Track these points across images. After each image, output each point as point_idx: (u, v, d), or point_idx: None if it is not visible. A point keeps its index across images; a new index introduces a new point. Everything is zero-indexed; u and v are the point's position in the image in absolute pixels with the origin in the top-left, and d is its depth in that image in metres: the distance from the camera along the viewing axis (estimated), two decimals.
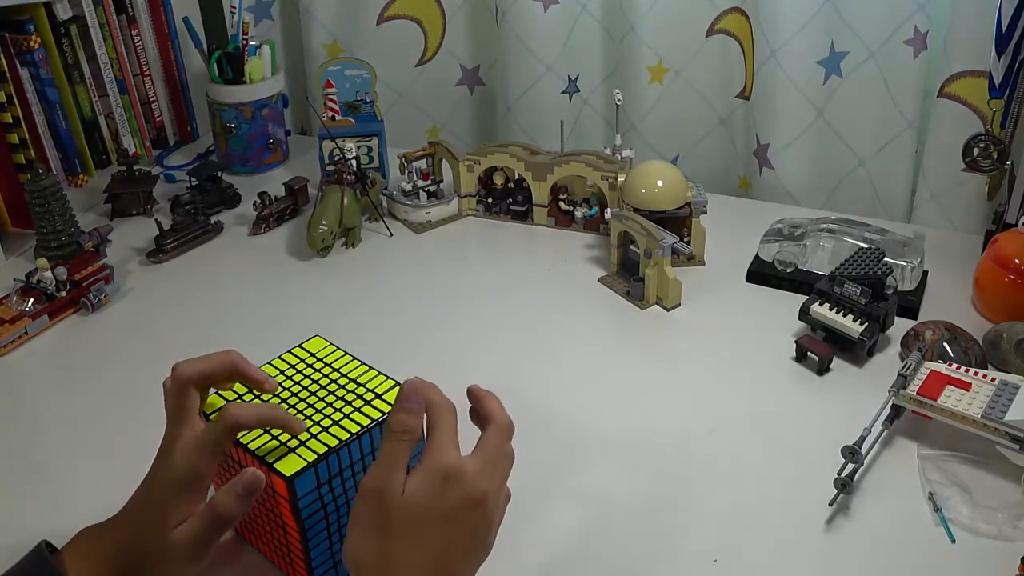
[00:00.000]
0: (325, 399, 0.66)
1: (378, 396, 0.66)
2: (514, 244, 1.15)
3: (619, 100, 1.12)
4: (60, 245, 1.07)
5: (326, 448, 0.62)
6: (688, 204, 1.04)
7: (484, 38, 1.40)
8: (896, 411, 0.80)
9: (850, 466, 0.74)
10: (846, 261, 0.93)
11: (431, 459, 0.55)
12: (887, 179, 1.22)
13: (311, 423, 0.64)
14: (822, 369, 0.89)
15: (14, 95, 1.13)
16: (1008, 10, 0.95)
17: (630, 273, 1.04)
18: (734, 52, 1.28)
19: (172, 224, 1.13)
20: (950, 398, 0.77)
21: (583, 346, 0.95)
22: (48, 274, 0.99)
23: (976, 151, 1.03)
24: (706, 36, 1.28)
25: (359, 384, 0.67)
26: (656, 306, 1.01)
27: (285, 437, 0.63)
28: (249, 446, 0.62)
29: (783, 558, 0.70)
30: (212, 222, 1.17)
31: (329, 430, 0.63)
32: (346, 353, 0.71)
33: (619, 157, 1.13)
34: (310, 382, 0.68)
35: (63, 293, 1.00)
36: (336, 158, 1.14)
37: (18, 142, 1.14)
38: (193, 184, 1.22)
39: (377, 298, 1.05)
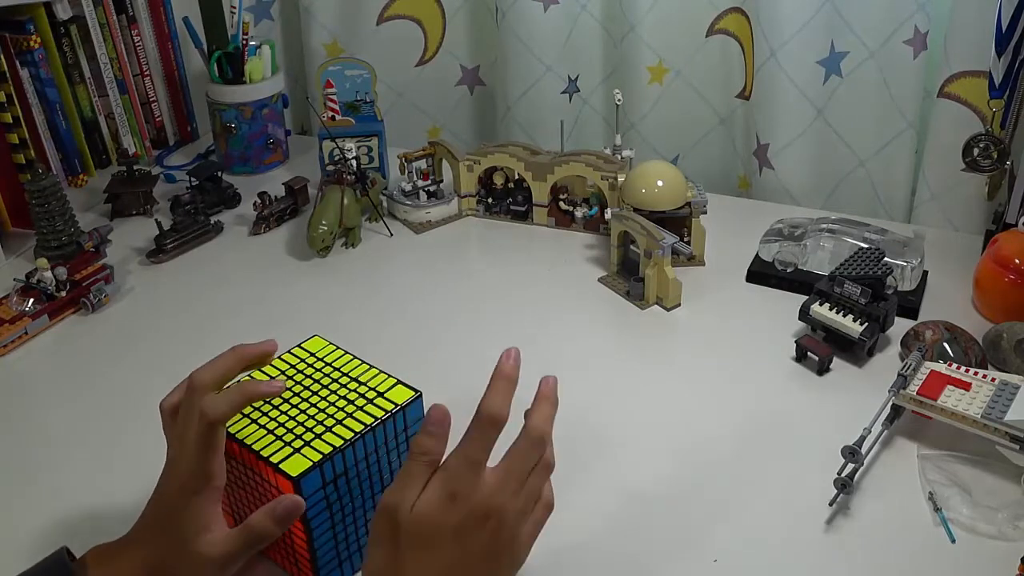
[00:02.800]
0: (327, 398, 0.66)
1: (380, 395, 0.66)
2: (514, 244, 1.15)
3: (619, 100, 1.12)
4: (60, 245, 1.07)
5: (331, 448, 0.62)
6: (688, 204, 1.04)
7: (484, 38, 1.40)
8: (896, 411, 0.80)
9: (850, 466, 0.74)
10: (846, 261, 0.93)
11: (445, 471, 0.55)
12: (887, 179, 1.22)
13: (314, 423, 0.64)
14: (822, 369, 0.89)
15: (14, 95, 1.13)
16: (1008, 10, 0.96)
17: (630, 273, 1.04)
18: (734, 52, 1.28)
19: (172, 224, 1.13)
20: (950, 398, 0.77)
21: (583, 346, 0.95)
22: (48, 274, 0.99)
23: (976, 151, 1.03)
24: (706, 36, 1.28)
25: (361, 383, 0.67)
26: (656, 306, 1.01)
27: (289, 437, 0.63)
28: (254, 447, 0.62)
29: (783, 558, 0.70)
30: (212, 222, 1.17)
31: (333, 430, 0.63)
32: (346, 352, 0.71)
33: (619, 157, 1.13)
34: (311, 382, 0.68)
35: (63, 293, 1.00)
36: (336, 158, 1.14)
37: (18, 142, 1.14)
38: (193, 184, 1.21)
39: (377, 298, 1.05)
